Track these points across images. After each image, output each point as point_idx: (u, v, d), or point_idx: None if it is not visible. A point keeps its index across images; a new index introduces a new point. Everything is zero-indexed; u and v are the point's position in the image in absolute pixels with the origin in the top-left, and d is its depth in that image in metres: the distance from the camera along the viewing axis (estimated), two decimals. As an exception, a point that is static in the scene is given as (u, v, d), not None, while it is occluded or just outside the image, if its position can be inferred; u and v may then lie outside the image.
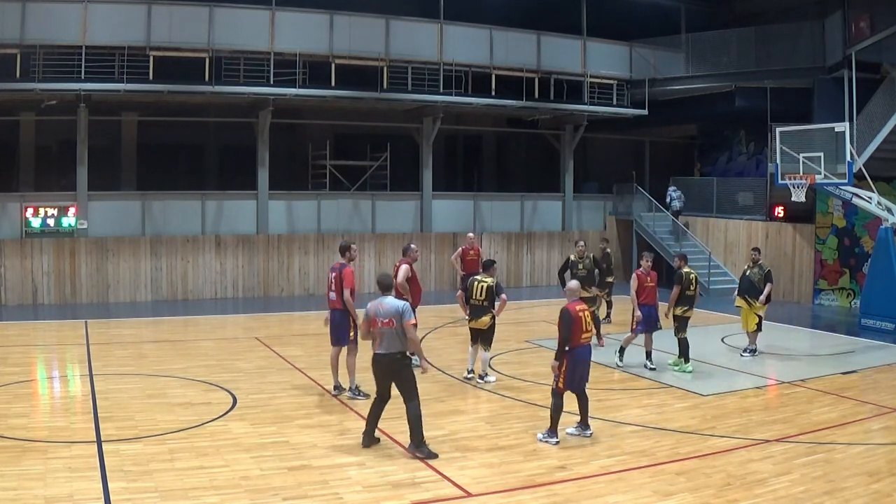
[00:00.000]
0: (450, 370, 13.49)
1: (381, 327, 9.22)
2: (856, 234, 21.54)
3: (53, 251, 20.80)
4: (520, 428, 10.28)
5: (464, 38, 24.23)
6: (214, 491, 7.85)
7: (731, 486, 8.27)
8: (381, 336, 9.22)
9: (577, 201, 27.99)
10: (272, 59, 21.62)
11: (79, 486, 7.83)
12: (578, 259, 16.43)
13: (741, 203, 25.58)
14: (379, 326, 9.24)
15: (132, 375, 12.81)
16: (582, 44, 25.88)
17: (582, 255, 16.59)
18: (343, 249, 11.77)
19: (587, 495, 8.01)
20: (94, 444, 9.17)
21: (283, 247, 23.05)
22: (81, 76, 19.95)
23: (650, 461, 9.04)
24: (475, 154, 30.75)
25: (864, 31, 21.05)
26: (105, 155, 23.37)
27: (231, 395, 11.64)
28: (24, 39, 19.59)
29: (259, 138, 23.02)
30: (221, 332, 17.80)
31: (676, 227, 25.98)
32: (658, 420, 10.75)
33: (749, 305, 14.96)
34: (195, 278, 22.25)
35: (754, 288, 14.90)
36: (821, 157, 18.39)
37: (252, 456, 8.93)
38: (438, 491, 8.06)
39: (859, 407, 11.49)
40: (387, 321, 9.19)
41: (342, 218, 24.28)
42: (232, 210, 23.08)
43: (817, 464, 8.97)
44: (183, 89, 21.09)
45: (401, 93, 23.26)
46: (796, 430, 10.18)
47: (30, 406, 11.26)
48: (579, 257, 16.49)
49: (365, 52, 22.67)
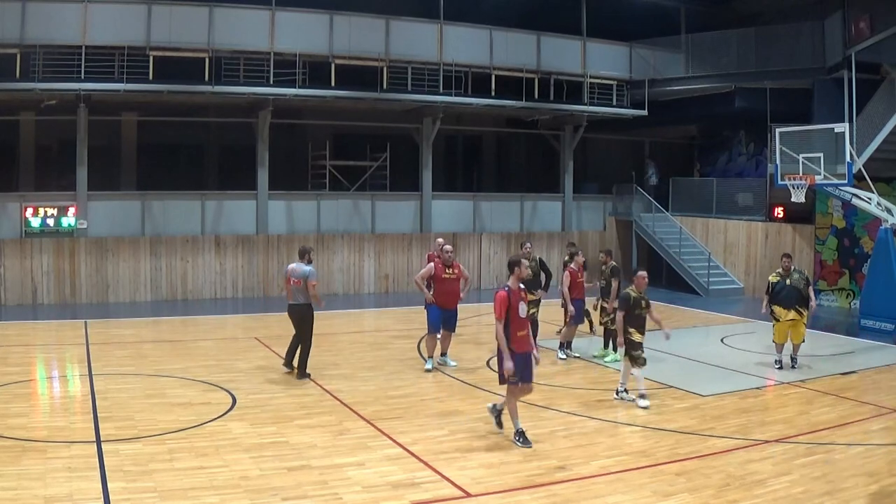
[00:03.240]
0: (450, 371, 13.51)
1: (293, 285, 12.60)
2: (855, 235, 21.55)
3: (53, 251, 20.80)
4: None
5: (464, 38, 24.22)
6: (214, 491, 7.85)
7: (731, 486, 8.27)
8: (293, 291, 12.63)
9: (577, 202, 28.00)
10: (272, 59, 21.62)
11: (78, 486, 7.83)
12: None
13: (741, 204, 25.60)
14: (291, 284, 12.61)
15: (132, 375, 12.81)
16: (582, 44, 25.88)
17: (527, 256, 14.64)
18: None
19: (587, 496, 8.01)
20: (94, 444, 9.17)
21: (283, 247, 23.05)
22: (81, 76, 19.95)
23: (650, 461, 9.04)
24: (475, 154, 30.75)
25: (864, 31, 21.05)
26: (105, 155, 23.38)
27: (230, 395, 11.64)
28: (24, 39, 19.58)
29: (259, 138, 23.02)
30: (221, 332, 17.80)
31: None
32: (657, 420, 10.75)
33: (801, 316, 13.92)
34: (195, 278, 22.26)
35: (803, 297, 13.92)
36: (820, 157, 18.40)
37: (251, 456, 8.93)
38: (438, 491, 8.06)
39: (859, 407, 11.49)
40: (297, 281, 12.56)
41: (342, 218, 24.29)
42: (232, 210, 23.08)
43: (817, 464, 8.97)
44: (183, 89, 21.08)
45: (401, 93, 23.25)
46: (796, 431, 10.18)
47: (29, 406, 11.25)
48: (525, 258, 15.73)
49: (365, 52, 22.67)
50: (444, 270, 13.56)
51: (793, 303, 13.86)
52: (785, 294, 13.92)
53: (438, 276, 13.54)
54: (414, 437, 9.75)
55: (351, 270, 24.05)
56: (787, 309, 13.87)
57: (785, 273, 14.05)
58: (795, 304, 13.85)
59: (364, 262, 24.09)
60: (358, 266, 24.10)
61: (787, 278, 13.99)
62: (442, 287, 13.56)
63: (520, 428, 9.55)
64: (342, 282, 23.92)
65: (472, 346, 16.03)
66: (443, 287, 13.56)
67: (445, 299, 13.57)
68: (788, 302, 13.88)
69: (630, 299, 11.61)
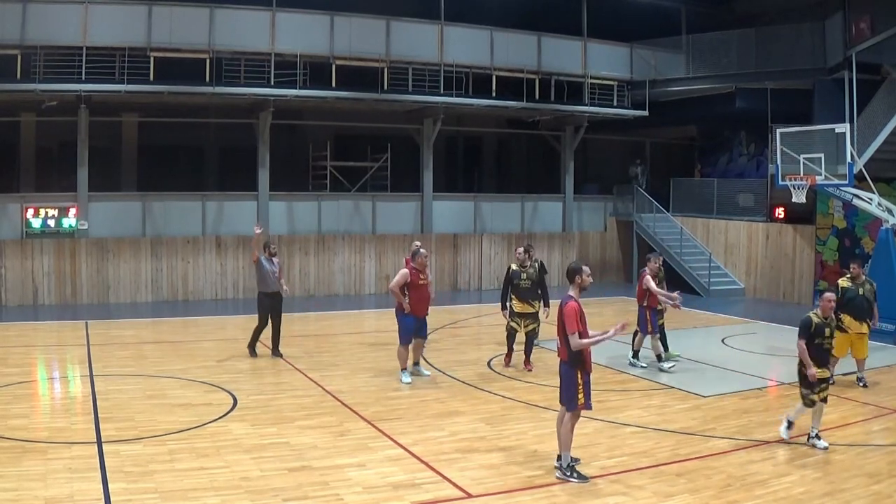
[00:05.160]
0: (450, 371, 13.50)
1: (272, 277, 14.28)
2: (856, 235, 21.54)
3: (54, 252, 20.81)
4: (520, 429, 10.28)
5: (464, 39, 24.21)
6: (214, 492, 7.85)
7: (732, 487, 8.27)
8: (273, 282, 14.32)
9: (578, 202, 27.99)
10: (273, 59, 21.62)
11: (79, 487, 7.83)
12: (520, 268, 13.73)
13: (741, 204, 25.60)
14: (272, 277, 14.26)
15: (132, 376, 12.81)
16: (582, 45, 25.87)
17: (524, 263, 13.80)
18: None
19: (587, 496, 8.01)
20: (95, 445, 9.18)
21: (284, 248, 23.04)
22: (82, 77, 19.95)
23: (650, 462, 9.04)
24: (476, 155, 30.76)
25: (865, 32, 21.04)
26: (105, 156, 23.40)
27: (231, 395, 11.64)
28: (25, 40, 19.56)
29: (259, 139, 23.03)
30: (222, 332, 17.79)
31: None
32: (658, 421, 10.75)
33: (869, 329, 12.83)
34: (195, 279, 22.27)
35: (871, 309, 12.79)
36: (821, 158, 18.39)
37: (252, 457, 8.93)
38: (438, 492, 8.06)
39: (860, 408, 11.50)
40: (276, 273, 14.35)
41: (342, 219, 24.29)
42: (232, 211, 23.08)
43: (817, 465, 8.98)
44: (183, 90, 21.07)
45: (401, 94, 23.25)
46: (796, 432, 10.16)
47: (30, 407, 11.25)
48: (521, 266, 13.78)
49: (365, 52, 22.66)
50: (418, 277, 12.79)
51: (865, 315, 12.64)
52: (857, 303, 12.64)
53: (414, 283, 12.72)
54: (415, 438, 9.76)
55: (352, 271, 24.05)
56: (860, 321, 12.64)
57: (856, 279, 12.80)
58: (867, 317, 12.68)
59: (365, 263, 24.09)
60: (359, 267, 24.11)
61: (859, 287, 12.73)
62: (418, 294, 12.76)
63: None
64: (343, 282, 23.93)
65: (472, 347, 16.05)
66: (418, 294, 12.76)
67: (421, 307, 12.88)
68: (860, 313, 12.63)
69: (811, 325, 9.74)
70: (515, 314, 13.79)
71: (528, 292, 13.67)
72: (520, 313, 13.73)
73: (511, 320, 13.85)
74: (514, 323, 13.81)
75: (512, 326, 13.83)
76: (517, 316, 13.77)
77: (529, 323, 13.72)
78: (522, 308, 13.70)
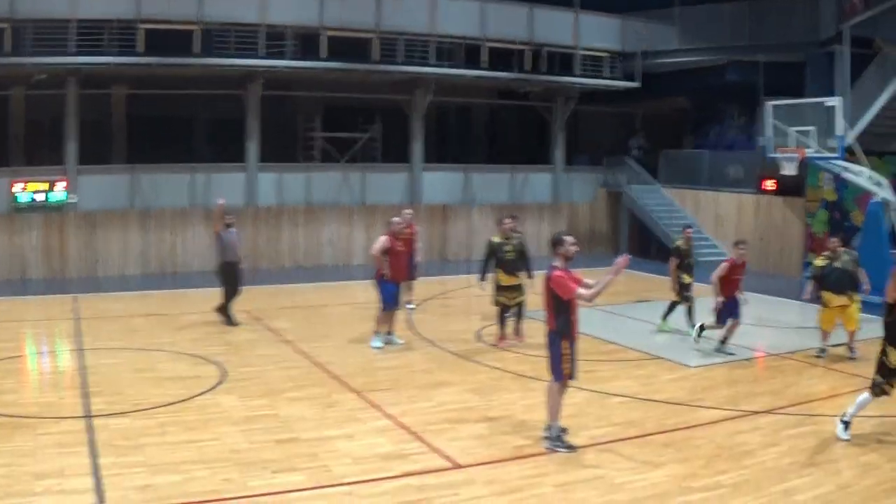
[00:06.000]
0: (440, 342, 13.52)
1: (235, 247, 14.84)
2: (845, 209, 21.55)
3: (42, 226, 20.66)
4: (508, 399, 10.33)
5: (455, 10, 24.02)
6: (204, 464, 7.87)
7: (720, 457, 8.33)
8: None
9: (568, 174, 27.92)
10: (263, 31, 21.43)
11: (69, 462, 7.84)
12: (504, 240, 13.72)
13: (732, 176, 25.58)
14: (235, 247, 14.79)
15: (121, 350, 12.79)
16: (574, 16, 25.70)
17: (508, 234, 13.83)
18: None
19: (575, 466, 8.05)
20: (84, 420, 9.18)
21: (273, 219, 22.99)
22: (72, 50, 19.75)
23: (638, 432, 9.09)
24: (466, 126, 30.64)
25: (858, 5, 20.91)
26: (95, 129, 23.17)
27: (220, 368, 11.64)
28: (15, 14, 19.32)
29: (249, 111, 22.85)
30: (211, 305, 17.69)
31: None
32: (646, 391, 10.80)
33: (852, 300, 12.79)
34: (184, 252, 22.16)
35: (853, 279, 12.81)
36: (812, 131, 18.36)
37: (241, 429, 8.96)
38: (427, 462, 8.10)
39: (848, 379, 11.56)
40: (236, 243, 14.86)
41: (332, 190, 24.18)
42: (221, 182, 22.87)
43: (806, 435, 9.03)
44: (173, 62, 20.90)
45: (392, 65, 23.10)
46: (785, 402, 10.25)
47: (19, 382, 11.24)
48: (504, 238, 13.77)
49: (356, 24, 22.46)
50: (397, 243, 13.24)
51: (844, 287, 12.67)
52: (835, 278, 12.71)
53: (393, 249, 13.11)
54: (403, 409, 9.79)
55: (340, 242, 23.98)
56: (838, 294, 12.70)
57: (833, 255, 12.86)
58: (847, 289, 12.70)
59: (354, 234, 24.02)
60: (347, 238, 24.04)
61: (835, 260, 12.80)
62: (396, 261, 13.21)
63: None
64: (331, 254, 23.86)
65: (461, 318, 16.06)
66: (397, 261, 13.23)
67: (400, 273, 13.31)
68: (839, 286, 12.68)
69: None
70: (503, 288, 13.59)
71: (514, 264, 13.62)
72: (507, 286, 13.57)
73: (500, 295, 13.66)
74: (503, 297, 13.62)
75: (502, 301, 13.66)
76: (505, 290, 13.59)
77: (518, 295, 13.70)
78: (509, 280, 13.56)
